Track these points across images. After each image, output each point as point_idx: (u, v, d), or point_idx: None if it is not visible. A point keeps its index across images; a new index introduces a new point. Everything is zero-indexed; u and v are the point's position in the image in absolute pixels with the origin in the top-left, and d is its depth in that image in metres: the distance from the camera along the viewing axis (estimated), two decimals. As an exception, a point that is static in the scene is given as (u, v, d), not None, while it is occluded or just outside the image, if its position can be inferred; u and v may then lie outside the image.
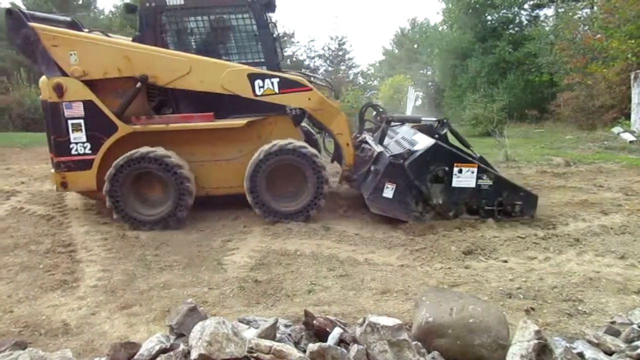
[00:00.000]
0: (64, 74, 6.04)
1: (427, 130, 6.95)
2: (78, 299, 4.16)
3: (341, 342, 2.88)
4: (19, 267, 4.84)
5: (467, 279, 4.44)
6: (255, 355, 2.62)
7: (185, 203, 6.07)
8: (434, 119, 7.31)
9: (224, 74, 6.13)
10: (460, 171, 5.94)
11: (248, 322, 3.18)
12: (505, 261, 4.90)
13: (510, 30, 24.31)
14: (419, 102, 31.38)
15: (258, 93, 6.17)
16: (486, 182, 5.97)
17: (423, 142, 6.18)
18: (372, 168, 6.22)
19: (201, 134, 6.30)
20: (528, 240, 5.40)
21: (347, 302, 4.03)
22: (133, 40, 6.46)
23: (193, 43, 6.65)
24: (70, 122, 6.04)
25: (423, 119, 7.42)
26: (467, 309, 3.07)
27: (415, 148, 6.15)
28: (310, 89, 6.29)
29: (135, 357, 2.76)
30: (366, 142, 7.33)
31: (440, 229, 5.82)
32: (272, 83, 6.17)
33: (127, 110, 6.20)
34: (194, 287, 4.40)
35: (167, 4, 6.36)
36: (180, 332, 3.02)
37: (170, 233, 5.90)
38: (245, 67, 6.27)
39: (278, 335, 2.95)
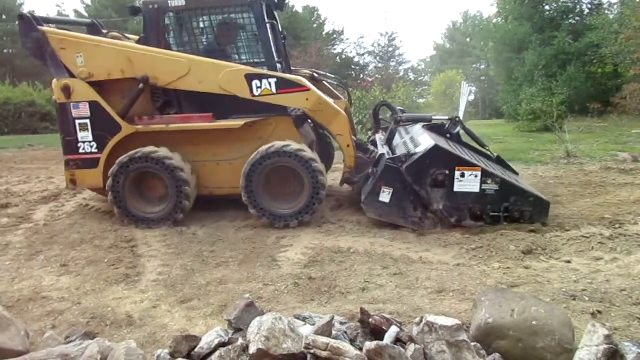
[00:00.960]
0: (72, 76, 6.25)
1: (439, 129, 6.65)
2: (140, 293, 4.32)
3: (398, 341, 2.85)
4: (85, 261, 5.10)
5: (528, 280, 4.27)
6: (312, 351, 2.63)
7: (183, 206, 6.17)
8: (446, 117, 6.97)
9: (222, 75, 6.11)
10: (462, 175, 5.62)
11: (304, 319, 3.20)
12: (569, 262, 4.68)
13: (571, 20, 23.26)
14: (472, 97, 30.63)
15: (256, 94, 6.10)
16: (491, 186, 5.61)
17: (424, 144, 5.89)
18: (371, 170, 6.02)
19: (203, 135, 6.32)
20: (593, 240, 5.14)
21: (402, 300, 3.97)
22: (138, 42, 6.59)
23: (195, 44, 6.67)
24: (77, 122, 6.27)
25: (434, 117, 7.02)
26: (529, 311, 2.96)
27: (415, 150, 5.91)
28: (308, 89, 6.12)
29: (196, 349, 2.85)
30: (374, 143, 7.14)
31: (497, 227, 5.64)
32: (270, 83, 6.08)
33: (132, 110, 6.34)
34: (249, 283, 4.48)
35: (169, 5, 6.42)
36: (238, 327, 3.09)
37: (225, 230, 6.02)
38: (243, 67, 6.23)
39: (334, 332, 2.95)
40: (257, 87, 6.07)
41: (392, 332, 2.84)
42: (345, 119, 6.31)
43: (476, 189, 5.61)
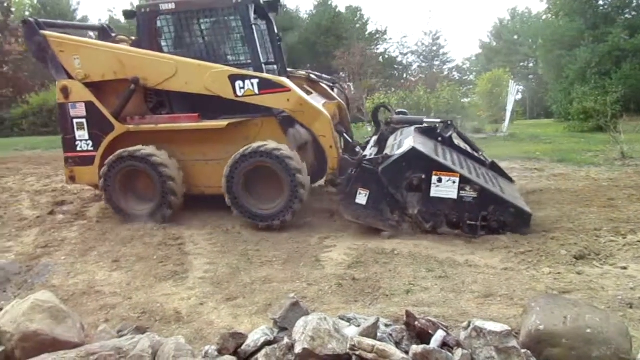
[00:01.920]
0: (71, 77, 6.51)
1: (432, 132, 6.40)
2: (188, 289, 4.44)
3: (444, 345, 2.80)
4: (135, 258, 5.28)
5: (580, 286, 4.11)
6: (357, 353, 2.62)
7: (169, 201, 6.28)
8: (438, 120, 6.76)
9: (207, 76, 6.20)
10: (439, 180, 5.39)
11: (348, 320, 3.19)
12: (625, 268, 4.47)
13: (627, 15, 22.19)
14: (519, 96, 29.78)
15: (239, 94, 6.14)
16: (469, 193, 5.34)
17: (404, 146, 5.71)
18: (351, 172, 5.81)
19: (191, 134, 6.42)
20: (651, 246, 4.89)
21: (448, 304, 3.91)
22: (132, 45, 6.78)
23: (185, 45, 6.78)
24: (75, 121, 6.55)
25: (425, 119, 6.83)
26: (583, 318, 2.84)
27: (393, 152, 5.74)
28: (289, 90, 6.10)
29: (242, 347, 2.89)
30: (365, 145, 7.01)
31: (547, 230, 5.45)
32: (252, 84, 6.11)
33: (128, 110, 6.52)
34: (293, 283, 4.51)
35: (160, 8, 6.58)
36: (284, 326, 3.11)
37: (269, 229, 6.08)
38: (227, 68, 6.29)
39: (379, 334, 2.93)
40: (240, 88, 6.13)
41: (439, 336, 2.80)
42: (328, 120, 6.19)
43: (453, 195, 5.38)
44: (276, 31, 7.34)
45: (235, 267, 4.89)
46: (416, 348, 2.62)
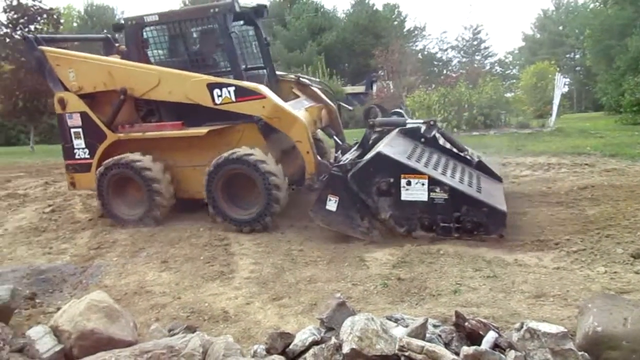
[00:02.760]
0: (67, 89, 6.82)
1: (415, 133, 6.26)
2: (234, 289, 4.50)
3: (496, 347, 2.73)
4: (183, 258, 5.39)
5: (639, 286, 3.92)
6: (406, 354, 2.59)
7: (157, 203, 6.45)
8: (421, 121, 6.61)
9: (187, 85, 6.33)
10: (408, 183, 5.29)
11: (396, 320, 3.16)
12: (688, 267, 4.24)
13: (681, 1, 21.02)
14: (566, 89, 28.72)
15: (217, 102, 6.22)
16: (440, 195, 5.22)
17: (372, 151, 5.58)
18: (323, 177, 5.80)
19: (178, 141, 6.57)
20: None
21: (497, 304, 3.81)
22: (122, 56, 7.01)
23: (170, 55, 6.95)
24: (72, 130, 6.87)
25: (408, 121, 6.61)
26: (645, 320, 2.71)
27: (363, 158, 5.64)
28: (264, 97, 6.11)
29: (290, 346, 2.91)
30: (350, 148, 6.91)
31: (601, 228, 5.23)
32: (229, 92, 6.16)
33: (120, 119, 6.76)
34: (338, 282, 4.51)
35: (145, 20, 6.76)
36: (330, 326, 3.11)
37: (313, 229, 6.08)
38: (205, 77, 6.36)
39: (427, 335, 2.89)
40: (218, 96, 6.21)
41: (490, 337, 2.73)
42: (304, 125, 6.13)
43: (424, 198, 5.27)
44: (264, 36, 7.44)
45: (280, 267, 4.93)
46: (467, 349, 2.56)
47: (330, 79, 26.19)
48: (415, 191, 5.29)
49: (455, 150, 6.31)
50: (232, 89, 6.17)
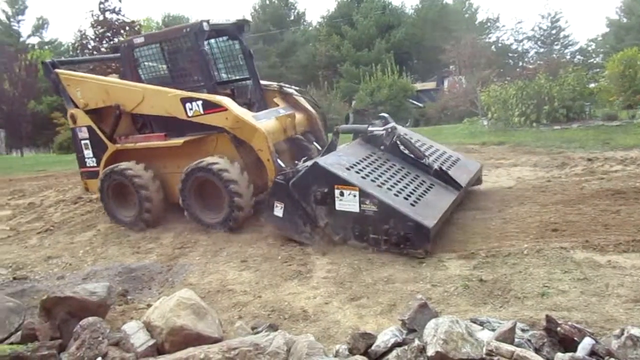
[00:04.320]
0: (77, 106, 7.60)
1: (377, 140, 6.38)
2: (312, 289, 4.55)
3: (593, 354, 2.58)
4: (261, 258, 5.53)
5: None
6: (495, 359, 2.50)
7: (146, 207, 6.96)
8: (381, 128, 6.56)
9: (165, 100, 6.85)
10: (341, 194, 5.38)
11: (481, 323, 3.06)
12: None
13: None
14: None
15: (190, 114, 6.67)
16: (370, 207, 5.22)
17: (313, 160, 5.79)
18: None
19: (165, 151, 7.02)
20: None
21: (591, 309, 3.58)
22: (120, 75, 7.71)
23: (155, 73, 7.55)
24: (82, 142, 7.70)
25: (370, 128, 6.62)
26: None
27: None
28: (226, 109, 6.45)
29: (372, 347, 2.90)
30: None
31: None
32: (198, 105, 6.60)
33: (121, 131, 7.43)
34: (416, 283, 4.43)
35: (134, 42, 7.45)
36: (412, 327, 3.07)
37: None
38: (179, 92, 6.81)
39: (516, 340, 2.77)
40: (190, 109, 6.67)
41: (587, 343, 2.58)
42: (264, 135, 6.37)
43: (355, 209, 5.32)
44: (248, 48, 7.92)
45: (357, 267, 4.91)
46: (562, 356, 2.43)
47: (399, 76, 25.87)
48: (347, 202, 5.39)
49: (414, 157, 6.33)
50: (200, 102, 6.64)
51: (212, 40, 7.64)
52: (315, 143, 7.64)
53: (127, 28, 21.52)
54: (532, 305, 3.75)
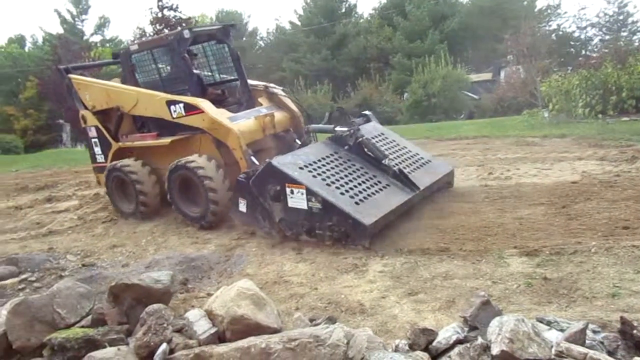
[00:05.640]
0: (87, 108, 8.32)
1: (343, 140, 6.63)
2: (369, 282, 4.52)
3: (673, 360, 2.41)
4: (317, 250, 5.53)
5: None
6: (565, 360, 2.39)
7: (141, 201, 7.56)
8: (345, 129, 6.82)
9: (154, 102, 7.38)
10: (292, 192, 5.76)
11: (548, 323, 2.94)
12: None
13: None
14: None
15: (174, 116, 7.15)
16: (316, 205, 5.60)
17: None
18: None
19: (159, 149, 7.55)
20: None
21: (667, 311, 3.37)
22: (121, 80, 8.31)
23: (149, 77, 7.99)
24: (92, 140, 8.44)
25: (337, 129, 7.02)
26: None
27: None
28: (203, 111, 6.87)
29: (433, 344, 2.85)
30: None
31: None
32: (181, 107, 7.07)
33: (123, 131, 8.07)
34: (476, 279, 4.32)
35: (130, 49, 8.04)
36: (474, 325, 2.99)
37: (454, 221, 5.90)
38: (164, 95, 7.30)
39: (587, 341, 2.64)
40: (174, 111, 7.15)
41: (667, 348, 2.41)
42: (237, 135, 6.68)
43: (304, 206, 5.69)
44: (235, 51, 8.29)
45: (414, 262, 4.84)
46: (640, 361, 2.29)
47: (453, 67, 25.21)
48: (297, 199, 5.75)
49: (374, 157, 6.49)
50: (182, 105, 7.10)
51: (206, 44, 8.26)
52: (297, 140, 7.89)
53: (184, 24, 22.10)
54: (601, 305, 3.58)
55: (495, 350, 2.57)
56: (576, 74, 14.33)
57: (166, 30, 20.90)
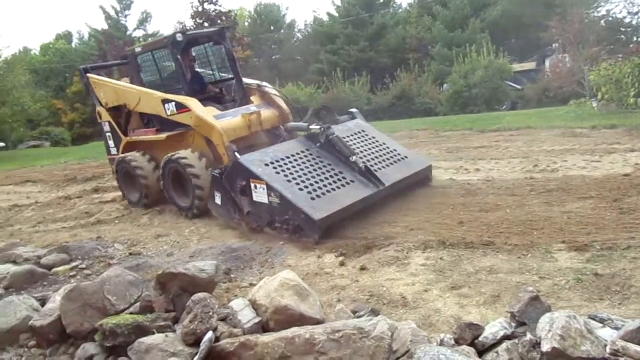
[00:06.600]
0: (102, 105, 9.05)
1: (313, 138, 6.95)
2: (411, 276, 4.47)
3: None
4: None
5: None
6: (622, 359, 2.30)
7: (145, 192, 8.15)
8: (317, 127, 7.07)
9: (153, 101, 7.90)
10: (256, 187, 6.12)
11: (601, 320, 2.84)
12: None
13: None
14: None
15: (168, 114, 7.66)
16: (275, 200, 5.95)
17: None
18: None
19: (160, 144, 8.06)
20: None
21: None
22: (130, 80, 8.89)
23: (151, 77, 8.57)
24: (107, 134, 9.23)
25: (311, 127, 7.26)
26: None
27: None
28: (190, 110, 7.32)
29: (480, 339, 2.80)
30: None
31: None
32: (173, 106, 7.57)
33: (132, 126, 8.73)
34: (522, 275, 4.21)
35: (136, 51, 8.72)
36: (522, 321, 2.92)
37: (498, 215, 5.78)
38: (160, 94, 7.84)
39: (644, 341, 2.53)
40: (168, 109, 7.66)
41: None
42: (220, 132, 7.05)
43: (266, 201, 6.04)
44: (231, 52, 8.79)
45: (457, 255, 4.75)
46: None
47: (496, 57, 24.54)
48: (260, 194, 6.11)
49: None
50: (174, 103, 7.59)
51: (207, 45, 8.83)
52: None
53: (224, 18, 22.40)
54: (658, 303, 3.43)
55: (545, 347, 2.50)
56: (628, 62, 13.68)
57: (207, 25, 21.21)
